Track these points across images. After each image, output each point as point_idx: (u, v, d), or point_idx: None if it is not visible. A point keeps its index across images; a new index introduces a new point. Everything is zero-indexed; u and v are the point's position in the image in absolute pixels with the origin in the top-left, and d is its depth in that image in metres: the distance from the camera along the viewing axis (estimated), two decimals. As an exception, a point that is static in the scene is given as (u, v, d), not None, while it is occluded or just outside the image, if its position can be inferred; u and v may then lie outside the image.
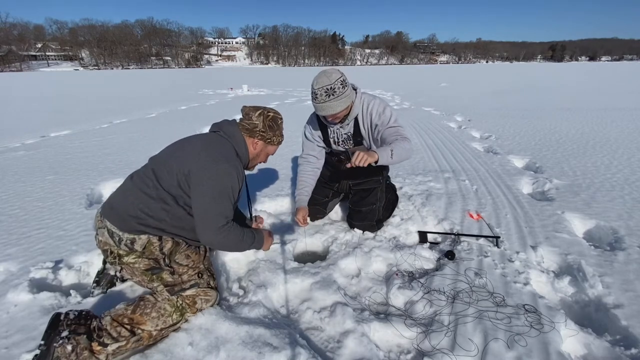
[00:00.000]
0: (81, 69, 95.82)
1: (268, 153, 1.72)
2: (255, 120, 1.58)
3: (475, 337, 1.31)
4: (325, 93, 1.78)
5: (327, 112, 1.83)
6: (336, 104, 1.80)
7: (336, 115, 1.88)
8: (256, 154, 1.66)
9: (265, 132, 1.60)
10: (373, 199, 2.18)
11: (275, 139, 1.67)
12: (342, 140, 2.12)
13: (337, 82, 1.78)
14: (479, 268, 1.76)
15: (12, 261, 1.88)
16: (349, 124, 2.03)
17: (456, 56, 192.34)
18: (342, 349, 1.30)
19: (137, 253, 1.39)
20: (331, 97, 1.78)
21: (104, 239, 1.41)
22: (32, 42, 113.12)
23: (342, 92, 1.80)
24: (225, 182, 1.39)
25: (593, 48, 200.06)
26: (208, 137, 1.54)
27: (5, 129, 6.21)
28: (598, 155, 3.78)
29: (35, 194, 2.93)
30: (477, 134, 5.22)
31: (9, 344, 1.32)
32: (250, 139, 1.61)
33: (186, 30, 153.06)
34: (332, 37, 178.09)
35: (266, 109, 1.62)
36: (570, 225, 2.24)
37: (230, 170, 1.40)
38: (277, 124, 1.65)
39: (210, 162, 1.39)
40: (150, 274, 1.40)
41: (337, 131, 2.09)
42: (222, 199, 1.39)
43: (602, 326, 1.43)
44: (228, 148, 1.51)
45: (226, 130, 1.58)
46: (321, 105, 1.81)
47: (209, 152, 1.44)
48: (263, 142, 1.64)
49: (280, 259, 1.88)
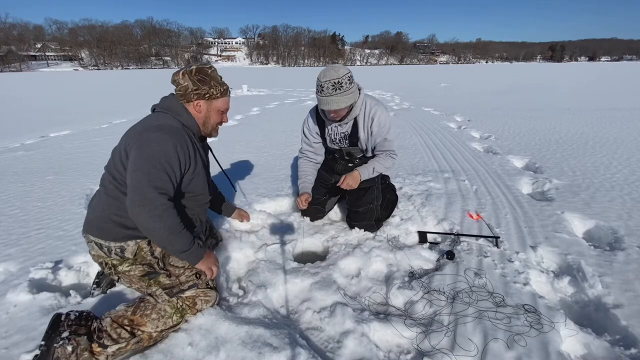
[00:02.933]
0: (81, 69, 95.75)
1: (219, 110, 1.53)
2: (183, 82, 1.43)
3: (475, 337, 1.31)
4: (332, 87, 1.76)
5: (332, 106, 1.81)
6: (342, 99, 1.79)
7: (339, 111, 1.86)
8: (204, 116, 1.50)
9: (198, 89, 1.43)
10: (369, 198, 2.17)
11: (214, 91, 1.47)
12: (339, 139, 2.12)
13: (344, 77, 1.78)
14: (478, 268, 1.76)
15: (11, 261, 1.88)
16: (347, 123, 2.02)
17: (456, 56, 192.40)
18: (342, 349, 1.30)
19: (129, 261, 1.38)
20: (337, 92, 1.77)
21: (95, 252, 1.40)
22: (31, 43, 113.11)
23: (349, 87, 1.80)
24: (154, 148, 1.25)
25: (593, 48, 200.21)
26: (147, 117, 1.44)
27: (5, 129, 6.21)
28: (598, 155, 3.78)
29: (35, 194, 2.93)
30: (477, 134, 5.23)
31: (8, 344, 1.32)
32: (190, 104, 1.46)
33: (186, 31, 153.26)
34: (332, 37, 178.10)
35: (189, 66, 1.46)
36: (570, 225, 2.24)
37: (164, 138, 1.28)
38: (207, 74, 1.45)
39: (141, 133, 1.30)
40: (147, 279, 1.39)
41: (335, 129, 2.09)
42: (151, 168, 1.23)
43: (602, 326, 1.43)
44: (167, 119, 1.39)
45: (162, 105, 1.45)
46: (326, 98, 1.80)
47: (141, 129, 1.34)
48: (204, 101, 1.47)
49: (280, 259, 1.88)
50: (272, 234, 2.15)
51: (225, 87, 1.51)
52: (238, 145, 4.78)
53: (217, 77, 1.49)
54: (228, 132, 5.76)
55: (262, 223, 2.31)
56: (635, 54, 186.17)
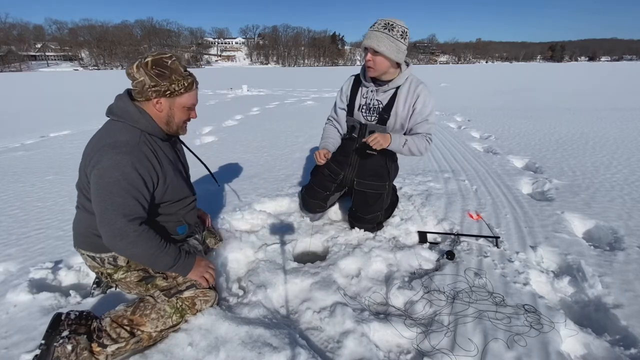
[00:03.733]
0: (81, 69, 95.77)
1: (184, 106, 1.33)
2: (139, 77, 1.24)
3: (475, 337, 1.31)
4: (384, 26, 1.71)
5: (372, 42, 1.70)
6: (386, 41, 1.69)
7: (377, 55, 1.73)
8: (166, 115, 1.32)
9: (156, 85, 1.24)
10: (378, 207, 2.12)
11: (176, 87, 1.27)
12: (371, 107, 1.93)
13: (400, 26, 1.72)
14: (478, 268, 1.76)
15: (11, 261, 1.88)
16: (386, 92, 1.88)
17: (456, 56, 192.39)
18: (342, 349, 1.30)
19: (123, 268, 1.38)
20: (386, 31, 1.70)
21: (89, 264, 1.40)
22: (31, 43, 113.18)
23: (399, 38, 1.71)
24: (112, 174, 1.16)
25: (592, 48, 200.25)
26: (101, 129, 1.31)
27: (5, 129, 6.21)
28: (598, 155, 3.78)
29: (35, 194, 2.93)
30: (477, 134, 5.23)
31: (8, 344, 1.32)
32: (148, 103, 1.28)
33: (186, 31, 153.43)
34: (332, 37, 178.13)
35: (144, 57, 1.25)
36: (570, 225, 2.24)
37: (120, 160, 1.16)
38: (166, 67, 1.24)
39: (96, 158, 1.19)
40: (144, 284, 1.39)
41: (370, 94, 1.92)
42: (115, 196, 1.16)
43: (602, 326, 1.43)
44: (122, 132, 1.25)
45: (116, 110, 1.29)
46: (372, 32, 1.72)
47: (96, 147, 1.22)
48: (165, 99, 1.28)
49: (280, 259, 1.88)
50: (272, 234, 2.15)
51: (190, 81, 1.30)
52: (238, 145, 4.78)
53: (179, 68, 1.27)
54: (228, 132, 5.76)
55: (262, 223, 2.31)
56: (635, 54, 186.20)
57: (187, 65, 1.44)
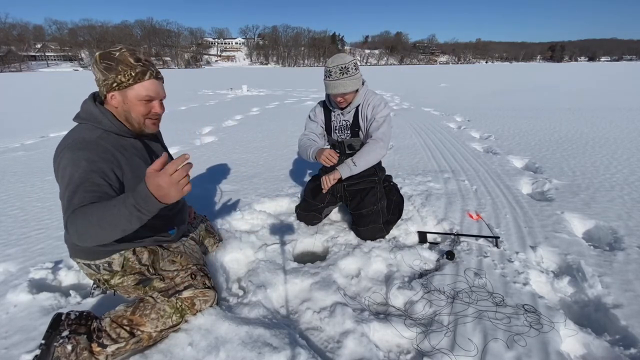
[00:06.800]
0: (81, 70, 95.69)
1: (139, 99, 1.24)
2: (95, 74, 1.21)
3: (475, 337, 1.31)
4: (340, 71, 1.90)
5: (339, 89, 1.92)
6: (348, 82, 1.92)
7: (346, 95, 1.96)
8: (123, 110, 1.25)
9: (106, 79, 1.19)
10: (373, 199, 2.14)
11: (123, 78, 1.19)
12: (342, 128, 2.17)
13: (350, 63, 1.93)
14: (478, 268, 1.76)
15: (11, 262, 1.88)
16: (350, 112, 2.11)
17: (456, 56, 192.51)
18: (342, 349, 1.30)
19: (119, 273, 1.38)
20: (344, 76, 1.90)
21: (86, 272, 1.40)
22: (31, 43, 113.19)
23: (354, 73, 1.94)
24: (66, 172, 1.12)
25: (592, 48, 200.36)
26: (68, 132, 1.28)
27: (5, 130, 6.21)
28: (597, 156, 3.78)
29: (34, 195, 2.93)
30: (477, 134, 5.23)
31: (8, 344, 1.32)
32: (108, 101, 1.26)
33: (186, 31, 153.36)
34: (332, 37, 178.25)
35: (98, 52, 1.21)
36: (570, 225, 2.24)
37: (73, 157, 1.13)
38: (114, 58, 1.19)
39: (57, 162, 1.17)
40: (142, 286, 1.39)
41: (339, 117, 2.16)
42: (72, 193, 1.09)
43: (602, 326, 1.43)
44: (82, 132, 1.21)
45: (81, 113, 1.27)
46: (334, 82, 1.92)
47: (57, 151, 1.20)
48: (117, 92, 1.22)
49: (279, 259, 1.88)
50: (272, 234, 2.15)
51: (139, 70, 1.20)
52: (238, 145, 4.78)
53: (128, 59, 1.19)
54: (228, 132, 5.76)
55: (262, 223, 2.31)
56: (635, 54, 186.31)
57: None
